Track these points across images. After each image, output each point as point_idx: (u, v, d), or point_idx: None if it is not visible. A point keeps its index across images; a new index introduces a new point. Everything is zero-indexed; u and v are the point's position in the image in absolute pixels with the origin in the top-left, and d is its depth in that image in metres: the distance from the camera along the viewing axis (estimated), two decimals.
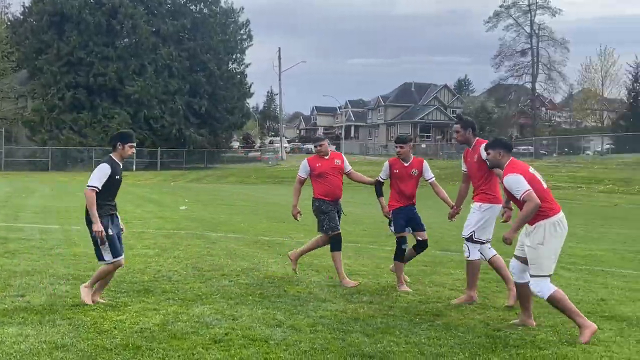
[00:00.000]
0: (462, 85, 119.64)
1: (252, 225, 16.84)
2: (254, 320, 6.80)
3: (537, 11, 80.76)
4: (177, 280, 8.86)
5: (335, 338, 6.18)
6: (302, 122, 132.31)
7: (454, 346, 5.97)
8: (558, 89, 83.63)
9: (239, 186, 42.69)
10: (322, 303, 7.77)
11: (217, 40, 61.47)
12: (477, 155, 7.60)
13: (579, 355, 5.64)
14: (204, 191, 35.67)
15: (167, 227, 15.47)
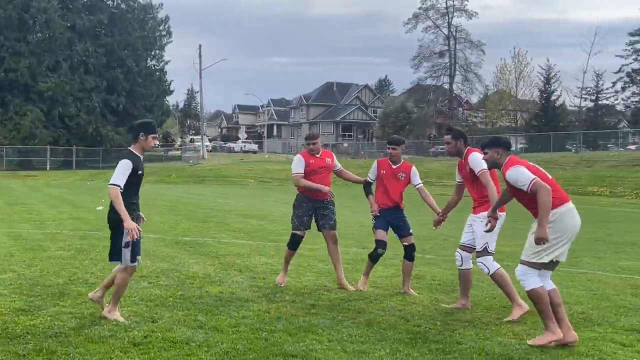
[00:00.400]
0: (383, 85, 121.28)
1: (173, 225, 16.60)
2: (175, 322, 6.66)
3: (455, 14, 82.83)
4: (94, 283, 8.48)
5: (257, 338, 6.15)
6: (224, 120, 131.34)
7: (376, 342, 6.03)
8: (474, 90, 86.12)
9: (158, 186, 41.92)
10: (245, 303, 7.70)
11: (136, 37, 60.37)
12: (468, 166, 7.38)
13: (495, 348, 5.77)
14: None
15: (84, 229, 15.03)
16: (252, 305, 7.64)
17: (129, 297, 7.76)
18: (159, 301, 7.74)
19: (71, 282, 8.56)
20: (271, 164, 57.67)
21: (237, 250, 12.02)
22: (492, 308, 7.74)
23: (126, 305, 7.35)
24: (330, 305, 7.54)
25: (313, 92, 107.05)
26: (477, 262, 7.41)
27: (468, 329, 6.58)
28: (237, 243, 13.61)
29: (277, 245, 12.63)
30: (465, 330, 6.50)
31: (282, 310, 7.45)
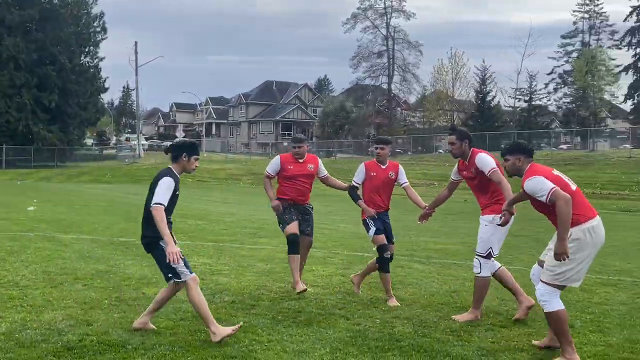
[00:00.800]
0: (322, 84, 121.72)
1: (108, 226, 16.31)
2: (110, 324, 6.54)
3: (393, 14, 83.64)
4: (26, 285, 8.36)
5: (196, 340, 6.10)
6: (161, 118, 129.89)
7: (316, 342, 6.04)
8: (412, 90, 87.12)
9: (93, 185, 41.29)
10: (182, 304, 7.50)
11: (69, 33, 59.17)
12: (474, 168, 7.08)
13: (433, 345, 5.86)
14: (55, 191, 34.24)
15: (14, 229, 14.66)
16: (190, 307, 7.24)
17: (62, 299, 7.62)
18: (94, 304, 7.55)
19: (1, 285, 8.32)
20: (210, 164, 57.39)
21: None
22: (430, 305, 7.79)
23: (59, 308, 7.20)
24: (270, 305, 7.51)
25: (252, 91, 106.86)
26: (474, 259, 7.23)
27: (407, 326, 6.64)
28: None
29: (216, 246, 12.60)
30: (404, 328, 6.55)
31: (222, 311, 7.40)
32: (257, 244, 11.35)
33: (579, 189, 5.80)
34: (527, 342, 6.19)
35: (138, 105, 78.18)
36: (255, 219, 18.69)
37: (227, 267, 10.31)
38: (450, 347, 5.86)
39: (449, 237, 13.65)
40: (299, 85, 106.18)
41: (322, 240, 8.89)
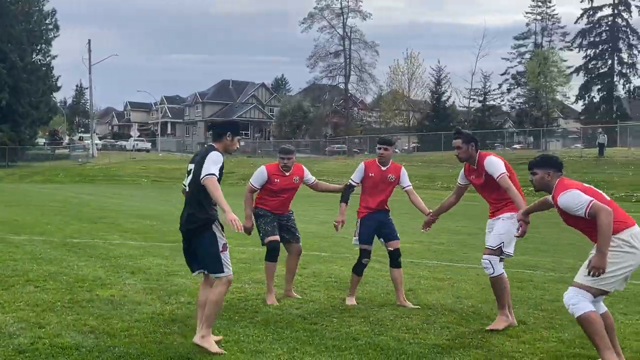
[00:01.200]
0: (280, 84, 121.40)
1: (61, 226, 16.08)
2: (64, 327, 6.42)
3: (349, 14, 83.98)
4: None
5: (151, 341, 6.02)
6: (115, 118, 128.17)
7: (273, 342, 6.04)
8: (369, 90, 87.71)
9: (45, 185, 40.65)
10: (138, 306, 7.52)
11: (20, 30, 58.12)
12: (484, 173, 6.90)
13: (390, 343, 5.92)
14: (6, 191, 33.56)
15: None
16: (145, 308, 7.47)
17: (13, 302, 7.49)
18: (46, 306, 7.42)
19: None
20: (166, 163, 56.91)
21: (130, 252, 11.81)
22: (387, 304, 7.88)
23: (11, 310, 7.06)
24: (226, 306, 7.41)
25: (209, 90, 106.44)
26: (483, 259, 6.90)
27: (363, 325, 6.70)
28: (129, 244, 13.29)
29: (172, 246, 12.38)
30: (361, 327, 6.62)
31: (177, 313, 7.36)
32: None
33: (612, 200, 5.45)
34: (482, 340, 6.25)
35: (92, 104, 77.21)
36: None
37: (183, 269, 10.00)
38: (406, 345, 5.92)
39: (406, 235, 13.75)
40: (256, 85, 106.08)
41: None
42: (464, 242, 14.45)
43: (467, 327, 6.76)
